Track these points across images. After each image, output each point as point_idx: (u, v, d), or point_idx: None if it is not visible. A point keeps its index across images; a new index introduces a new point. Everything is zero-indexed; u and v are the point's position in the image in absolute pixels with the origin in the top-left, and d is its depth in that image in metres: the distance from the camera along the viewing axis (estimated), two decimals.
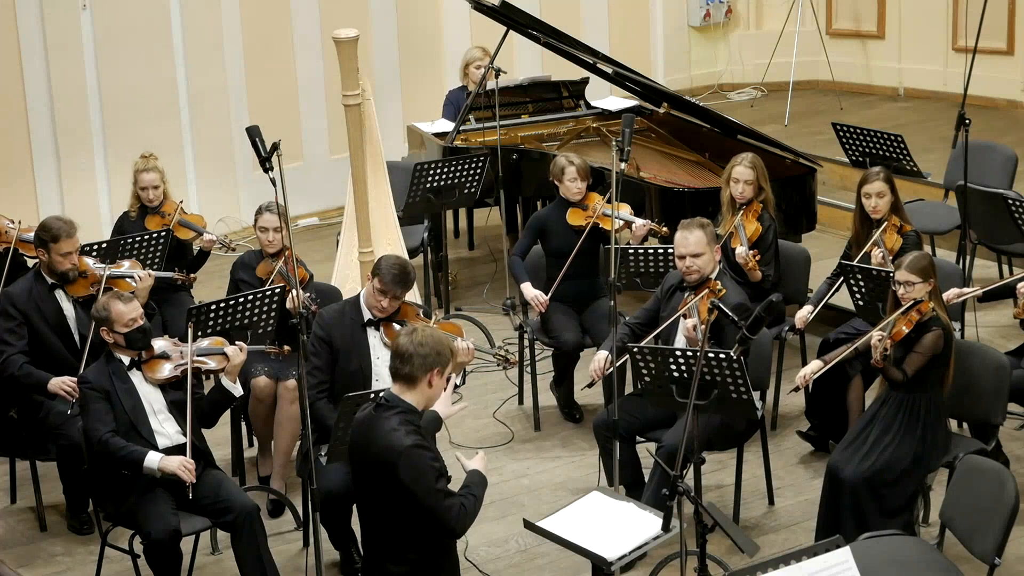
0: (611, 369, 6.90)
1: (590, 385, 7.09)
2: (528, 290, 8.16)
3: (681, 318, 6.96)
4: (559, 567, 6.81)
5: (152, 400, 6.48)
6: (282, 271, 7.62)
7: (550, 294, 8.12)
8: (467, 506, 5.22)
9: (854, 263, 7.53)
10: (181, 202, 8.52)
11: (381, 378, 6.73)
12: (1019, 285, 7.06)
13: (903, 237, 7.63)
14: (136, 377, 6.48)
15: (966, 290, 7.42)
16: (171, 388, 6.53)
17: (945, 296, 7.14)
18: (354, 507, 6.53)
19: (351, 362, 6.83)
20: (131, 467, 6.29)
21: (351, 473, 5.43)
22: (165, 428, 6.46)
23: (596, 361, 7.05)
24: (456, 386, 6.44)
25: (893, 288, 6.64)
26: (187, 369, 6.50)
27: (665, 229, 8.09)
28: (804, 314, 7.82)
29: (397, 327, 6.80)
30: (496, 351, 7.25)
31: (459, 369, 6.47)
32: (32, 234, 7.76)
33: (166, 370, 6.52)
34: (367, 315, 6.90)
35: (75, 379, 6.87)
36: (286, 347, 6.80)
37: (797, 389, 6.88)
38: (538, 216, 8.49)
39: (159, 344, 6.59)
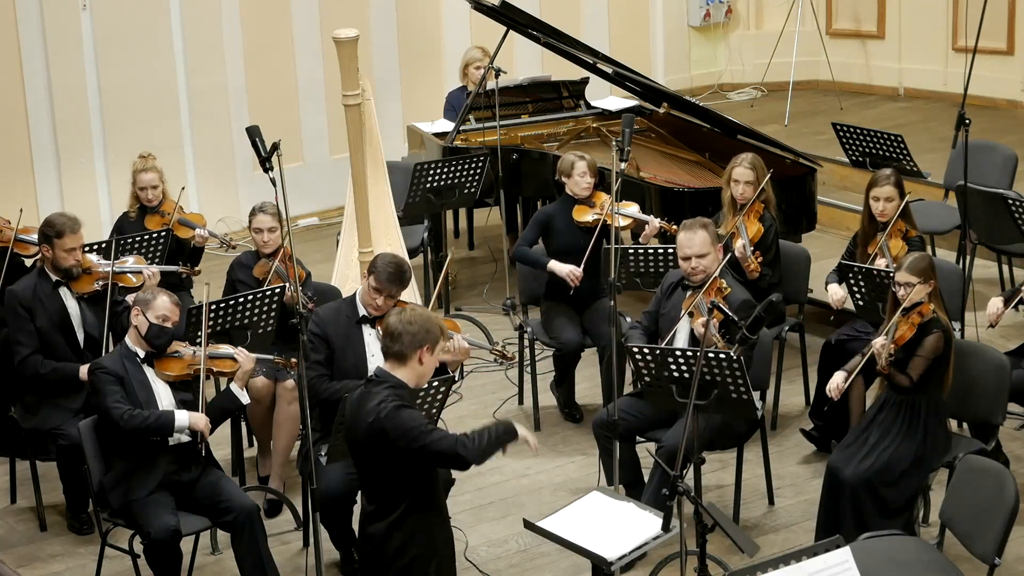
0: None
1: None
2: (559, 267, 8.06)
3: (688, 317, 6.95)
4: (559, 567, 6.81)
5: (162, 395, 6.52)
6: (278, 270, 7.62)
7: (549, 292, 8.14)
8: (471, 436, 5.22)
9: (855, 263, 7.52)
10: (183, 188, 8.51)
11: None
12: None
13: (908, 243, 7.60)
14: (148, 372, 6.52)
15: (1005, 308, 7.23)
16: (180, 387, 6.56)
17: (989, 315, 7.08)
18: (355, 508, 6.55)
19: (346, 359, 6.85)
20: (163, 430, 6.35)
21: (350, 452, 5.44)
22: None
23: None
24: (453, 381, 6.47)
25: (893, 289, 6.64)
26: (199, 369, 6.54)
27: (675, 227, 8.09)
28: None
29: None
30: (493, 347, 7.25)
31: (456, 367, 6.49)
32: (30, 235, 7.78)
33: (178, 369, 6.54)
34: (362, 311, 6.92)
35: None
36: (293, 359, 6.82)
37: (831, 400, 6.84)
38: (544, 212, 8.43)
39: (173, 344, 6.63)
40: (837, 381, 6.73)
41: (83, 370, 7.07)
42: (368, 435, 5.20)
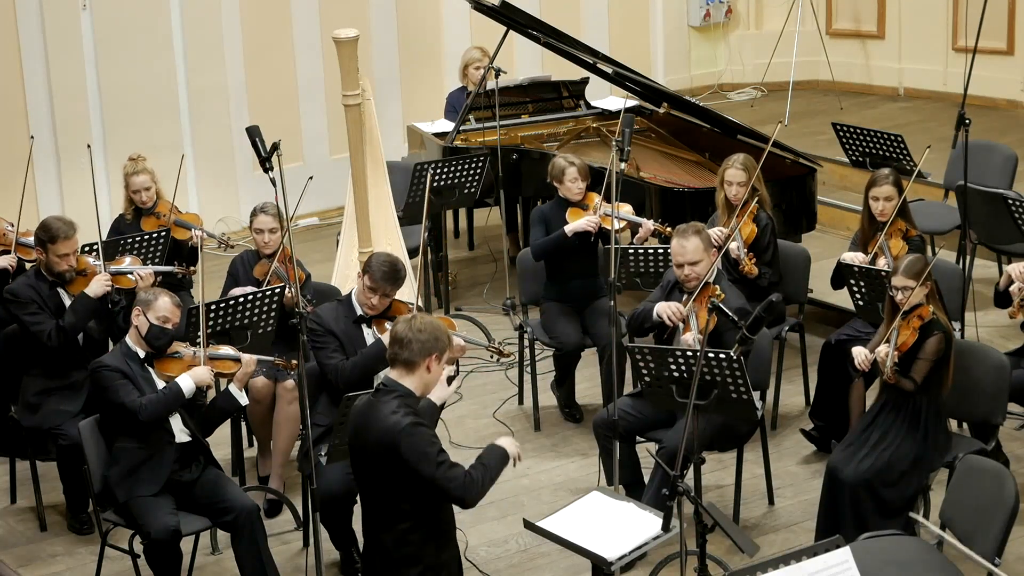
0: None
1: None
2: (577, 222, 8.01)
3: (680, 324, 6.95)
4: (559, 567, 6.81)
5: None
6: (278, 271, 7.62)
7: (547, 293, 8.14)
8: (475, 476, 5.22)
9: (854, 264, 7.52)
10: (183, 156, 8.52)
11: (376, 375, 6.75)
12: (1012, 288, 7.06)
13: (908, 243, 7.59)
14: (150, 370, 6.54)
15: None
16: None
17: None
18: (355, 508, 6.55)
19: (348, 359, 6.85)
20: (177, 401, 6.41)
21: (350, 459, 5.42)
22: (171, 424, 6.49)
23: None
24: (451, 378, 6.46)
25: (891, 294, 6.63)
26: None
27: (669, 229, 8.08)
28: None
29: (389, 324, 6.83)
30: (490, 344, 7.25)
31: (451, 362, 6.48)
32: (30, 238, 7.78)
33: (177, 369, 6.55)
34: (359, 311, 6.93)
35: (107, 276, 7.21)
36: (294, 361, 6.83)
37: (861, 373, 6.79)
38: (540, 210, 8.43)
39: (173, 344, 6.64)
40: (865, 353, 6.65)
41: (92, 291, 7.17)
42: (378, 444, 5.16)
